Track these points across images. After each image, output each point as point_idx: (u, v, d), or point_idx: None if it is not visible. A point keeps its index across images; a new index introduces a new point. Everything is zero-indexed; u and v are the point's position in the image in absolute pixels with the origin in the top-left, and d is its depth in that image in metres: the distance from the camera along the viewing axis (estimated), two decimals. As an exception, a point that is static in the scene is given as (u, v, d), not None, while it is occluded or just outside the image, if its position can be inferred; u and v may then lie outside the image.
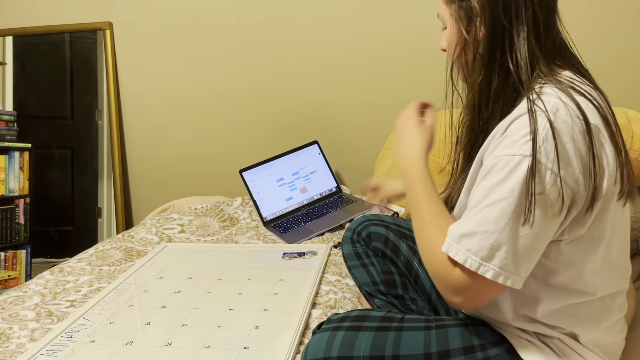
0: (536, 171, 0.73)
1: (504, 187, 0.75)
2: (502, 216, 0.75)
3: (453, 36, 0.89)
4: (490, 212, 0.76)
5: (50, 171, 2.36)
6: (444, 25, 0.92)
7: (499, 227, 0.75)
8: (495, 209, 0.75)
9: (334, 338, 0.86)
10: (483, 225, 0.76)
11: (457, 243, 0.78)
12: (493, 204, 0.75)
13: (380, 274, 1.20)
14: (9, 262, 2.22)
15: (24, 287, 1.46)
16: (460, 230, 0.78)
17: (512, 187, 0.74)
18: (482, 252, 0.76)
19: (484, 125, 0.87)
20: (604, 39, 1.83)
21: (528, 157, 0.73)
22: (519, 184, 0.74)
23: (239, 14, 2.18)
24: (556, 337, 0.86)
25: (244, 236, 1.83)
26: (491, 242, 0.75)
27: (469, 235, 0.77)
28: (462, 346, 0.85)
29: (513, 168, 0.74)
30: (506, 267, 0.76)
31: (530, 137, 0.73)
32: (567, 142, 0.74)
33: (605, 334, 0.88)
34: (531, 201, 0.74)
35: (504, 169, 0.75)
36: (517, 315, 0.86)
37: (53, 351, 1.13)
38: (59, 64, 2.35)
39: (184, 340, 1.15)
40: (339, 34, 2.10)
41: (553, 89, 0.79)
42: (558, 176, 0.73)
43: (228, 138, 2.34)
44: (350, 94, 2.16)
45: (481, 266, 0.76)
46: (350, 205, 1.96)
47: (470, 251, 0.76)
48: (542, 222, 0.75)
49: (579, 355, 0.86)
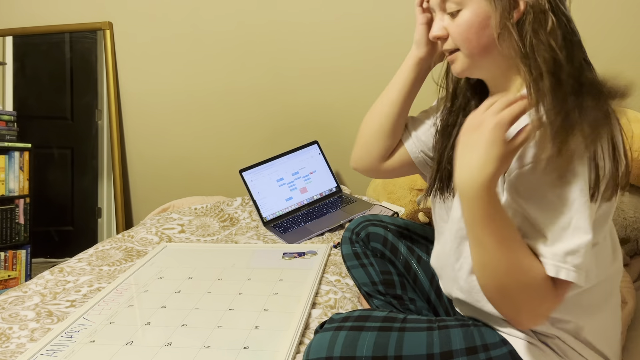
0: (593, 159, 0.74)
1: (574, 186, 0.74)
2: (589, 215, 0.74)
3: (479, 17, 0.82)
4: (579, 216, 0.74)
5: (50, 171, 2.36)
6: (456, 7, 0.83)
7: (589, 228, 0.74)
8: (581, 211, 0.74)
9: (337, 338, 0.86)
10: (579, 235, 0.74)
11: (562, 262, 0.74)
12: (575, 206, 0.74)
13: (378, 274, 1.20)
14: (9, 262, 2.22)
15: (24, 287, 1.46)
16: (561, 249, 0.75)
17: (580, 184, 0.74)
18: (585, 265, 0.74)
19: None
20: (603, 39, 1.83)
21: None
22: (583, 178, 0.74)
23: (239, 15, 2.18)
24: (556, 337, 0.86)
25: (244, 236, 1.83)
26: (589, 248, 0.74)
27: (572, 252, 0.74)
28: (464, 347, 0.85)
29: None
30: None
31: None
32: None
33: (607, 321, 0.88)
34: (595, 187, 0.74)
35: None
36: None
37: (53, 351, 1.13)
38: (59, 64, 2.35)
39: (184, 340, 1.15)
40: (338, 35, 2.10)
41: None
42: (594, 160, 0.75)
43: (228, 138, 2.34)
44: (350, 94, 2.16)
45: (588, 277, 0.75)
46: (350, 205, 1.96)
47: (578, 267, 0.74)
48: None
49: (580, 355, 0.86)
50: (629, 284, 1.25)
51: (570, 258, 0.74)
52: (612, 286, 0.90)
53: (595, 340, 0.87)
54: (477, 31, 0.83)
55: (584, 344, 0.87)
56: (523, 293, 0.76)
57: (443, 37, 0.87)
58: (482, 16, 0.82)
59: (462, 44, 0.85)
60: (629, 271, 1.35)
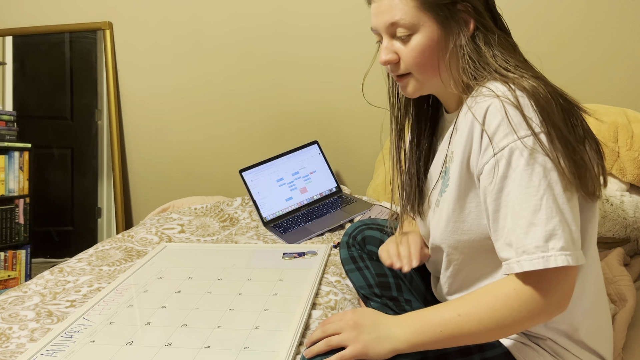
0: (554, 140, 0.74)
1: (537, 170, 0.74)
2: (558, 196, 0.74)
3: (432, 41, 0.83)
4: (547, 199, 0.73)
5: (50, 171, 2.36)
6: (407, 32, 0.83)
7: (564, 207, 0.74)
8: (549, 194, 0.74)
9: None
10: (554, 217, 0.73)
11: (545, 252, 0.73)
12: (541, 191, 0.74)
13: (374, 277, 1.21)
14: (8, 262, 2.22)
15: (24, 287, 1.46)
16: (538, 239, 0.73)
17: (545, 165, 0.74)
18: (569, 243, 0.73)
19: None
20: (603, 39, 1.83)
21: (541, 133, 0.74)
22: (548, 160, 0.74)
23: (240, 15, 2.18)
24: (548, 339, 0.86)
25: (244, 236, 1.83)
26: (570, 228, 0.74)
27: (551, 235, 0.73)
28: (459, 349, 0.85)
29: (532, 148, 0.74)
30: (578, 243, 0.76)
31: (532, 111, 0.74)
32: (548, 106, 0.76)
33: (601, 319, 0.89)
34: (564, 167, 0.74)
35: (522, 154, 0.74)
36: None
37: (53, 351, 1.13)
38: (59, 64, 2.35)
39: (184, 340, 1.15)
40: (339, 36, 2.10)
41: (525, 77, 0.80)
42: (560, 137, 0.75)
43: (228, 138, 2.34)
44: (351, 94, 2.16)
45: (579, 257, 0.74)
46: (350, 205, 1.96)
47: (564, 249, 0.73)
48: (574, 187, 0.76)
49: (574, 355, 0.87)
50: (629, 283, 1.25)
51: (552, 242, 0.73)
52: (599, 284, 0.90)
53: (589, 340, 0.87)
54: (430, 54, 0.83)
55: (578, 344, 0.87)
56: (522, 307, 0.76)
57: (394, 61, 0.86)
58: (435, 39, 0.83)
59: (414, 68, 0.85)
60: (629, 271, 1.35)
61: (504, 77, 0.79)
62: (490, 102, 0.77)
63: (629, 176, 1.53)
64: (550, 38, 1.87)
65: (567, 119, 0.77)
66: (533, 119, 0.74)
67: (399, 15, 0.82)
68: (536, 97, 0.75)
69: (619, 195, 1.48)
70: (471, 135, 0.81)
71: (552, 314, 0.76)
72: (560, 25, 1.85)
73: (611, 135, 1.54)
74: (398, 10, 0.82)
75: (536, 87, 0.76)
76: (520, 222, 0.74)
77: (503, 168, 0.76)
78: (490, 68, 0.81)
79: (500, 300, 0.76)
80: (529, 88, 0.76)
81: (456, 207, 0.87)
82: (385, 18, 0.84)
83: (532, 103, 0.75)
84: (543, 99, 0.75)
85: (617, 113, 1.59)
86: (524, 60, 0.84)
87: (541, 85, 0.77)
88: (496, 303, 0.76)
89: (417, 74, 0.86)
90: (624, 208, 1.45)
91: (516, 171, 0.75)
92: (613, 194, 1.50)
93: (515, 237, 0.75)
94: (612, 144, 1.54)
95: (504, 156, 0.75)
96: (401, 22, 0.83)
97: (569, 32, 1.86)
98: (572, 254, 0.73)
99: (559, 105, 0.77)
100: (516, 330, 0.78)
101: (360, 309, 0.87)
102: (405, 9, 0.82)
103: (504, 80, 0.79)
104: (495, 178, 0.77)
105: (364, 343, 0.81)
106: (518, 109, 0.75)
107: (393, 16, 0.83)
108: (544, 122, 0.74)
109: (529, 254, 0.74)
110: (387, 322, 0.83)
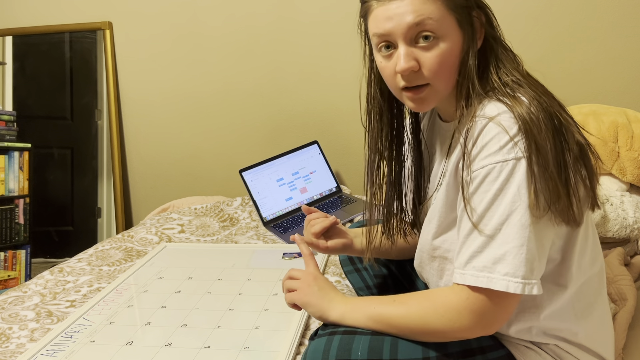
0: (535, 167, 0.73)
1: (509, 195, 0.74)
2: (523, 224, 0.73)
3: (457, 47, 0.80)
4: (509, 225, 0.74)
5: (50, 171, 2.36)
6: (434, 36, 0.78)
7: (525, 235, 0.74)
8: (512, 219, 0.74)
9: (331, 342, 0.86)
10: (507, 242, 0.74)
11: (491, 273, 0.74)
12: (505, 214, 0.74)
13: (372, 278, 1.21)
14: (8, 262, 2.22)
15: (24, 287, 1.46)
16: (487, 259, 0.75)
17: (518, 190, 0.74)
18: (520, 271, 0.74)
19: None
20: (603, 39, 1.83)
21: (523, 159, 0.74)
22: (523, 186, 0.74)
23: (240, 15, 2.18)
24: (552, 344, 0.86)
25: (244, 236, 1.83)
26: (524, 255, 0.73)
27: (500, 259, 0.74)
28: (460, 349, 0.84)
29: (510, 173, 0.74)
30: (537, 275, 0.75)
31: (518, 137, 0.74)
32: (544, 136, 0.75)
33: (600, 322, 0.89)
34: (537, 197, 0.73)
35: (499, 177, 0.75)
36: (518, 324, 0.86)
37: (53, 351, 1.13)
38: (58, 64, 2.35)
39: (184, 341, 1.15)
40: (339, 35, 2.10)
41: (522, 93, 0.79)
42: (546, 168, 0.74)
43: (228, 138, 2.34)
44: (351, 94, 2.16)
45: (526, 286, 0.74)
46: (350, 205, 1.96)
47: (508, 275, 0.74)
48: (546, 217, 0.75)
49: (575, 358, 0.87)
50: (630, 282, 1.25)
51: (500, 266, 0.74)
52: (598, 287, 0.90)
53: (589, 343, 0.87)
54: (453, 62, 0.80)
55: (579, 347, 0.87)
56: (452, 320, 0.78)
57: (416, 69, 0.79)
58: (459, 45, 0.80)
59: (436, 78, 0.80)
60: (629, 271, 1.35)
61: (502, 95, 0.79)
62: (483, 122, 0.77)
63: (629, 176, 1.53)
64: (550, 38, 1.87)
65: (557, 143, 0.76)
66: (518, 144, 0.74)
67: (426, 15, 0.76)
68: (526, 121, 0.74)
69: (619, 195, 1.48)
70: (462, 153, 0.81)
71: (475, 333, 0.79)
72: (560, 25, 1.85)
73: (611, 135, 1.54)
74: (424, 11, 0.76)
75: (529, 109, 0.75)
76: (477, 240, 0.76)
77: (475, 185, 0.77)
78: (492, 82, 0.81)
79: (433, 306, 0.79)
80: (521, 111, 0.75)
81: (441, 213, 0.88)
82: (407, 19, 0.77)
83: (522, 127, 0.74)
84: (533, 123, 0.74)
85: (617, 113, 1.59)
86: (526, 75, 0.83)
87: (534, 107, 0.76)
88: (430, 307, 0.80)
89: (438, 83, 0.81)
90: (624, 208, 1.45)
91: (488, 192, 0.75)
92: (613, 194, 1.49)
93: (469, 252, 0.77)
94: (612, 144, 1.54)
95: (480, 175, 0.76)
96: (428, 24, 0.77)
97: (569, 32, 1.86)
98: (517, 282, 0.74)
99: (550, 129, 0.75)
100: (442, 339, 0.81)
101: (322, 276, 0.95)
102: (432, 9, 0.77)
103: (500, 99, 0.78)
104: (467, 192, 0.78)
105: (308, 298, 0.91)
106: (506, 133, 0.75)
107: (418, 16, 0.76)
108: (528, 148, 0.73)
109: (476, 270, 0.75)
110: (334, 294, 0.91)
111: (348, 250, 1.08)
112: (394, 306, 0.83)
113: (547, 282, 0.83)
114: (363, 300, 0.88)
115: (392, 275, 1.20)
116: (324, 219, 1.05)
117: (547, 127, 0.74)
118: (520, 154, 0.73)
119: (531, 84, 0.81)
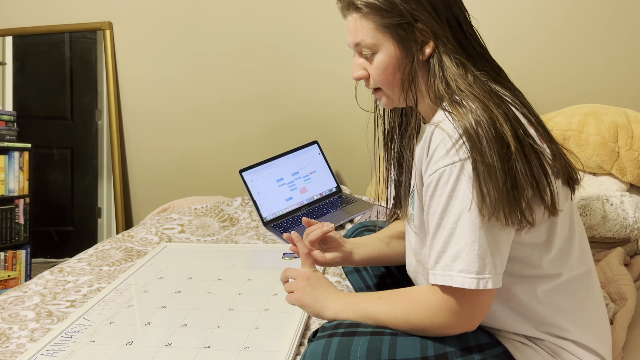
0: (480, 167, 0.76)
1: (459, 195, 0.78)
2: (473, 222, 0.77)
3: (393, 59, 0.87)
4: (461, 223, 0.78)
5: (50, 171, 2.36)
6: (371, 52, 0.88)
7: (476, 233, 0.77)
8: (463, 218, 0.78)
9: (330, 344, 0.87)
10: (461, 240, 0.78)
11: (450, 271, 0.79)
12: (457, 214, 0.78)
13: (372, 279, 1.21)
14: (8, 262, 2.22)
15: (24, 287, 1.46)
16: (447, 259, 0.80)
17: (467, 189, 0.77)
18: (474, 267, 0.77)
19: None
20: (603, 39, 1.83)
21: (468, 159, 0.77)
22: (471, 184, 0.77)
23: (240, 15, 2.18)
24: (547, 340, 0.87)
25: (244, 236, 1.83)
26: (476, 252, 0.77)
27: (456, 257, 0.79)
28: (459, 348, 0.85)
29: (458, 174, 0.77)
30: (494, 270, 0.79)
31: (461, 140, 0.77)
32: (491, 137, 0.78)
33: (592, 319, 0.90)
34: (483, 196, 0.76)
35: (450, 179, 0.78)
36: (513, 318, 0.87)
37: (53, 351, 1.13)
38: (59, 64, 2.35)
39: (184, 341, 1.15)
40: (338, 36, 2.10)
41: (470, 98, 0.82)
42: (496, 166, 0.77)
43: (228, 138, 2.34)
44: (351, 94, 2.16)
45: (480, 281, 0.78)
46: (350, 205, 1.96)
47: (463, 271, 0.78)
48: (495, 216, 0.78)
49: (571, 354, 0.88)
50: (630, 282, 1.26)
51: (456, 264, 0.78)
52: (589, 286, 0.91)
53: (584, 339, 0.89)
54: (393, 72, 0.88)
55: (574, 343, 0.88)
56: (432, 316, 0.83)
57: (365, 77, 0.92)
58: (395, 58, 0.87)
59: (381, 84, 0.91)
60: (629, 271, 1.35)
61: (448, 103, 0.83)
62: (432, 129, 0.82)
63: (629, 176, 1.53)
64: (550, 38, 1.87)
65: (499, 148, 0.77)
66: (462, 146, 0.77)
67: (360, 37, 0.88)
68: (468, 126, 0.77)
69: (619, 195, 1.48)
70: (422, 155, 0.85)
71: (455, 330, 0.83)
72: (560, 25, 1.85)
73: (611, 135, 1.54)
74: (359, 32, 0.88)
75: (475, 113, 0.78)
76: (439, 241, 0.81)
77: (432, 190, 0.81)
78: (442, 89, 0.85)
79: (414, 304, 0.85)
80: (464, 117, 0.78)
81: (421, 221, 0.90)
82: (351, 38, 0.90)
83: (464, 132, 0.77)
84: (473, 129, 0.77)
85: (617, 113, 1.59)
86: (472, 82, 0.84)
87: (477, 113, 0.78)
88: (410, 305, 0.85)
89: (385, 89, 0.91)
90: (624, 208, 1.45)
91: (442, 195, 0.80)
92: (613, 194, 1.49)
93: (435, 253, 0.82)
94: (612, 144, 1.54)
95: (434, 179, 0.81)
96: (363, 42, 0.88)
97: (569, 32, 1.86)
98: (472, 278, 0.77)
99: (492, 135, 0.77)
100: (428, 335, 0.85)
101: (319, 273, 0.99)
102: (365, 31, 0.87)
103: (445, 107, 0.83)
104: (426, 197, 0.83)
105: (302, 299, 0.96)
106: (451, 137, 0.78)
107: (357, 37, 0.89)
108: (471, 149, 0.77)
109: (442, 269, 0.80)
110: (327, 293, 0.95)
111: (348, 262, 1.11)
112: (381, 304, 0.89)
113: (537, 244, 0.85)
114: (354, 297, 0.93)
115: (391, 275, 1.21)
116: (320, 229, 1.08)
117: (489, 133, 0.77)
118: (465, 154, 0.77)
119: (477, 91, 0.82)
